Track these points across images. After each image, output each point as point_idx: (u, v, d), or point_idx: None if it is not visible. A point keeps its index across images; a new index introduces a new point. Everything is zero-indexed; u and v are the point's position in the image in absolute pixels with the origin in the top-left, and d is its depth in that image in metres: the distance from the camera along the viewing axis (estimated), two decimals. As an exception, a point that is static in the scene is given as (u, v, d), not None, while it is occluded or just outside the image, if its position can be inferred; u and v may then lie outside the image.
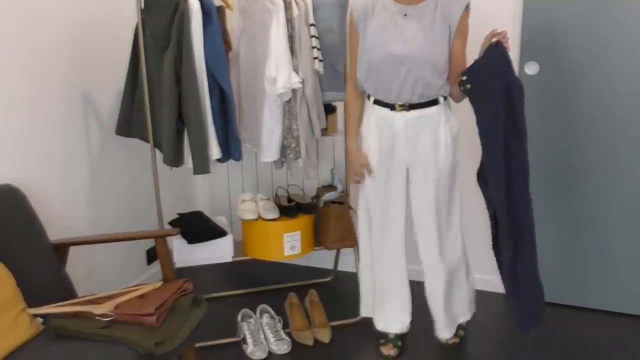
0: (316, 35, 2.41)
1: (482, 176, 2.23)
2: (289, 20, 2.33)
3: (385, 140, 2.21)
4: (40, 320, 1.89)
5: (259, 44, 2.40)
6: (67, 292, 2.06)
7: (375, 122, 2.22)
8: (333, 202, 2.67)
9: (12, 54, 2.18)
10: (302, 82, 2.36)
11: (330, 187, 2.86)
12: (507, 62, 2.03)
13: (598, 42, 2.53)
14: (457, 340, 2.50)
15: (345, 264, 3.20)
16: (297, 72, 2.34)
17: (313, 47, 2.41)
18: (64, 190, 2.48)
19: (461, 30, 2.09)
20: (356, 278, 2.68)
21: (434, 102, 2.14)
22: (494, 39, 2.01)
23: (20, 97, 2.23)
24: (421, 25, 2.06)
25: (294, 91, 2.38)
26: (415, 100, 2.12)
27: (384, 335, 2.50)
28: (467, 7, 2.08)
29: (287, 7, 2.31)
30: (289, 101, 2.40)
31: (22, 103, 2.24)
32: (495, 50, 2.02)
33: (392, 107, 2.15)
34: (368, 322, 2.59)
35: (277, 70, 2.30)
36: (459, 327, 2.51)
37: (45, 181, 2.38)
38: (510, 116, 2.07)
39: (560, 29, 2.57)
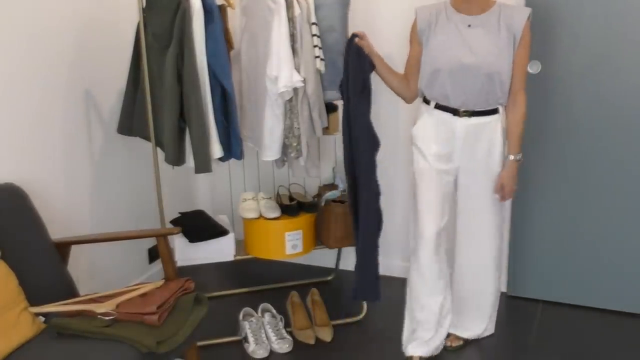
0: (318, 34, 2.41)
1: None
2: (291, 19, 2.32)
3: (443, 143, 2.23)
4: (42, 319, 1.90)
5: (260, 42, 2.40)
6: (68, 290, 2.06)
7: (434, 124, 2.23)
8: (334, 201, 2.67)
9: (14, 53, 2.18)
10: (304, 81, 2.35)
11: (332, 186, 2.85)
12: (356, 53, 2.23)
13: (600, 41, 2.52)
14: (461, 342, 2.50)
15: (347, 263, 3.20)
16: (298, 71, 2.34)
17: (314, 46, 2.40)
18: (65, 189, 2.48)
19: (524, 41, 2.12)
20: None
21: (494, 111, 2.18)
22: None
23: (23, 96, 2.23)
24: (487, 34, 2.10)
25: (295, 90, 2.38)
26: (478, 107, 2.16)
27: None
28: (529, 17, 2.11)
29: (289, 6, 2.31)
30: (290, 100, 2.39)
31: (24, 102, 2.24)
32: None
33: (455, 111, 2.18)
34: (369, 321, 2.59)
35: (278, 69, 2.29)
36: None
37: (47, 180, 2.38)
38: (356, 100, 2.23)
39: (562, 28, 2.57)
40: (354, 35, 2.24)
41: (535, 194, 2.77)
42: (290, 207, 2.63)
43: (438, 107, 2.21)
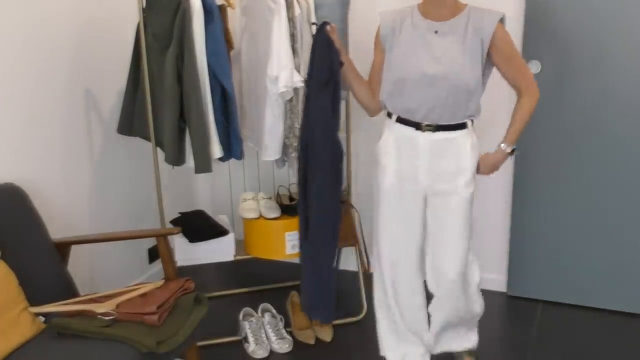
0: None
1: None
2: (291, 19, 2.33)
3: (405, 160, 2.05)
4: (42, 319, 1.90)
5: (260, 42, 2.40)
6: (68, 290, 2.06)
7: (395, 140, 2.06)
8: (334, 201, 2.67)
9: (14, 53, 2.18)
10: (304, 81, 2.35)
11: (332, 186, 2.85)
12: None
13: (601, 40, 2.52)
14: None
15: (347, 263, 3.20)
16: (298, 71, 2.34)
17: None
18: (65, 189, 2.48)
19: (500, 46, 1.92)
20: (357, 277, 2.69)
21: (461, 126, 1.99)
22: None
23: (23, 96, 2.23)
24: (453, 42, 1.91)
25: (295, 90, 2.38)
26: (444, 121, 1.97)
27: None
28: (502, 20, 1.92)
29: (289, 6, 2.31)
30: (290, 100, 2.40)
31: (25, 102, 2.24)
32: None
33: (417, 126, 1.99)
34: (369, 321, 2.59)
35: (278, 69, 2.29)
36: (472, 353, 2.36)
37: (47, 180, 2.38)
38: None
39: (562, 27, 2.57)
40: (325, 23, 2.04)
41: (535, 194, 2.77)
42: (290, 207, 2.63)
43: (400, 120, 2.03)
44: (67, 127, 2.47)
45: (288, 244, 2.61)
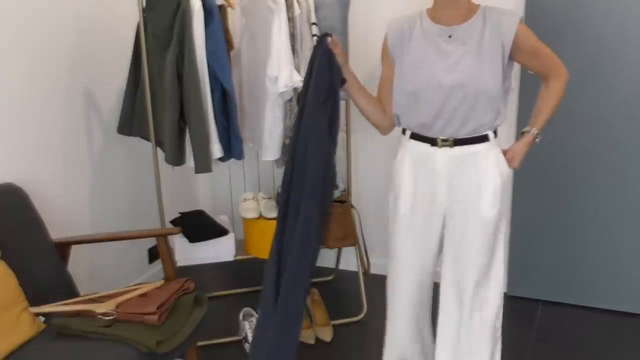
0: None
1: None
2: (291, 19, 2.33)
3: (423, 182, 1.83)
4: (42, 319, 1.90)
5: (260, 42, 2.40)
6: (68, 290, 2.06)
7: (412, 160, 1.84)
8: (334, 201, 2.67)
9: (14, 53, 2.18)
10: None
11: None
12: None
13: (600, 40, 2.52)
14: None
15: (347, 263, 3.20)
16: (298, 71, 2.34)
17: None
18: (66, 189, 2.48)
19: (523, 46, 1.74)
20: (357, 277, 2.69)
21: (482, 139, 1.78)
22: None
23: (23, 96, 2.23)
24: (469, 47, 1.72)
25: (295, 90, 2.38)
26: (462, 134, 1.76)
27: None
28: (522, 20, 1.75)
29: (289, 6, 2.31)
30: (290, 100, 2.40)
31: (25, 102, 2.24)
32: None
33: (433, 142, 1.79)
34: (369, 321, 2.59)
35: (278, 69, 2.29)
36: None
37: (48, 180, 2.38)
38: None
39: (562, 27, 2.56)
40: (327, 34, 1.79)
41: (535, 194, 2.77)
42: (290, 207, 2.63)
43: (414, 137, 1.83)
44: (67, 127, 2.47)
45: (288, 244, 2.60)
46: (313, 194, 1.74)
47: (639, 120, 2.54)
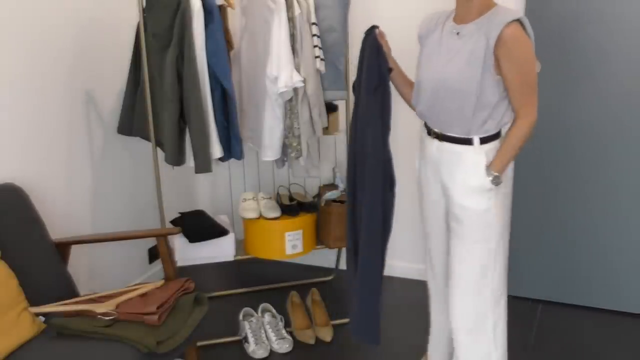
0: (318, 34, 2.41)
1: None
2: (291, 19, 2.33)
3: (420, 158, 2.05)
4: (42, 319, 1.90)
5: (260, 43, 2.40)
6: (68, 290, 2.06)
7: (421, 142, 2.04)
8: (334, 201, 2.67)
9: (15, 54, 2.18)
10: (304, 81, 2.35)
11: (332, 186, 2.85)
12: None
13: (600, 40, 2.52)
14: None
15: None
16: (298, 71, 2.34)
17: (315, 46, 2.40)
18: (66, 189, 2.48)
19: (504, 52, 1.69)
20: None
21: (466, 141, 1.83)
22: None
23: (23, 96, 2.23)
24: (465, 46, 1.76)
25: (295, 90, 2.38)
26: (446, 132, 1.86)
27: None
28: (512, 23, 1.68)
29: (289, 6, 2.31)
30: (290, 100, 2.40)
31: (25, 102, 2.24)
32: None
33: (429, 130, 1.94)
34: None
35: (278, 69, 2.29)
36: None
37: (48, 180, 2.38)
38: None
39: (562, 27, 2.57)
40: (374, 27, 1.92)
41: (534, 194, 2.77)
42: (290, 207, 2.63)
43: (424, 124, 1.99)
44: (68, 127, 2.47)
45: (288, 244, 2.61)
46: (375, 176, 1.89)
47: (639, 120, 2.54)
